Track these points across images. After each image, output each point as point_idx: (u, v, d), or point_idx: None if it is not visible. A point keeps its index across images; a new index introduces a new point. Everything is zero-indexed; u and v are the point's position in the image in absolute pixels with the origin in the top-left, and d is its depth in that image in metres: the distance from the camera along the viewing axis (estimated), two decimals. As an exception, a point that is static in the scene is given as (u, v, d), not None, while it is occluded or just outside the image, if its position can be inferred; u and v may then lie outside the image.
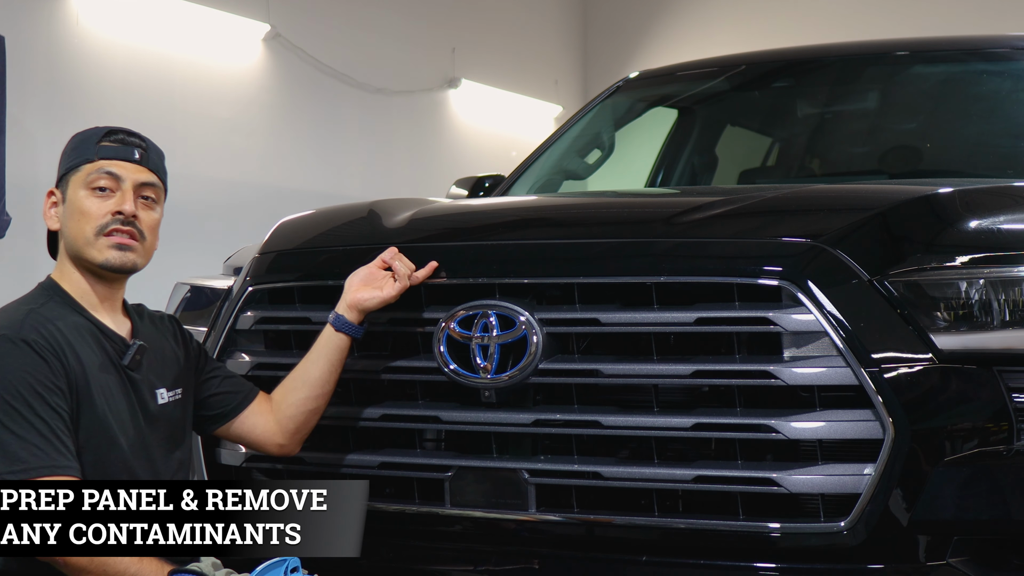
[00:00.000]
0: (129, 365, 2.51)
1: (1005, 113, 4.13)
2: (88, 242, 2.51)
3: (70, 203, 2.53)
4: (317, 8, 8.73)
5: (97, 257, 2.51)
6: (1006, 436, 2.43)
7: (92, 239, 2.51)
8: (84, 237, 2.51)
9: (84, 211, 2.51)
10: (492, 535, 2.70)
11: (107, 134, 2.57)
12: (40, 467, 2.30)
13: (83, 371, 2.42)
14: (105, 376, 2.46)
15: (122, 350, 2.51)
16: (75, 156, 2.56)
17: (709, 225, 2.75)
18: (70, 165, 2.55)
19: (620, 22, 11.83)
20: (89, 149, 2.55)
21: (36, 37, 6.76)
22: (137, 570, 2.28)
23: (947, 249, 2.60)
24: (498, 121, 10.64)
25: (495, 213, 3.34)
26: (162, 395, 2.57)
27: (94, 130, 2.60)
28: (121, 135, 2.58)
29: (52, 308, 2.46)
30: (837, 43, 4.64)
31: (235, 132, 8.03)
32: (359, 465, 2.81)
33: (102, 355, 2.47)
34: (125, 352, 2.51)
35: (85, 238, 2.51)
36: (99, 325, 2.50)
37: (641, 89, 4.73)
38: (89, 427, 2.41)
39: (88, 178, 2.53)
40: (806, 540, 2.47)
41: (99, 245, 2.51)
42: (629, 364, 2.57)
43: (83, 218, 2.51)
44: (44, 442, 2.31)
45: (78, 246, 2.51)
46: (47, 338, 2.39)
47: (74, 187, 2.53)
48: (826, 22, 10.54)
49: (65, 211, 2.54)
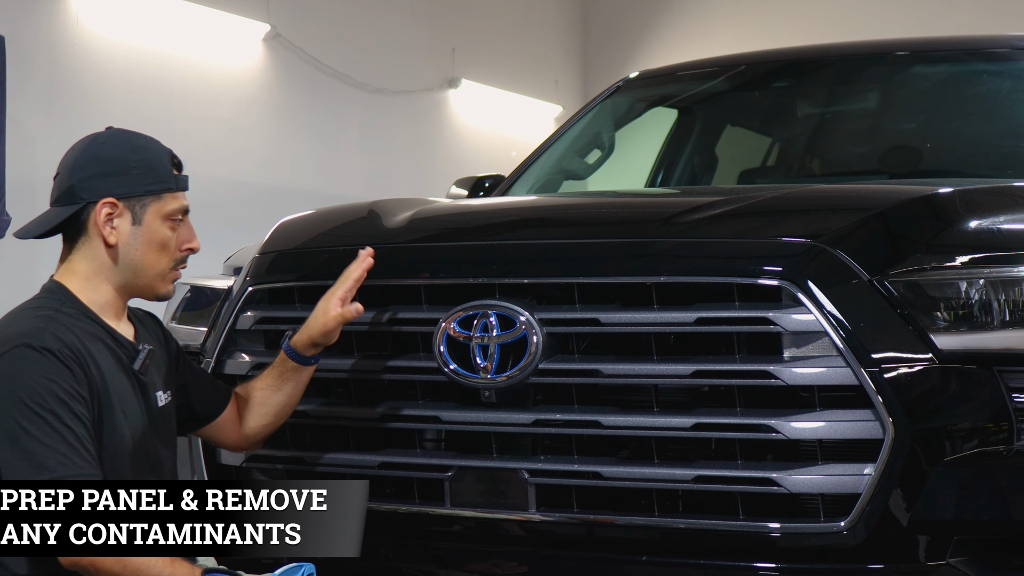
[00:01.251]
0: (140, 370, 2.51)
1: (1005, 113, 4.13)
2: (161, 275, 2.53)
3: (149, 230, 2.51)
4: (317, 8, 8.73)
5: (161, 289, 2.55)
6: (1006, 436, 2.43)
7: (166, 272, 2.54)
8: (158, 269, 2.52)
9: (165, 244, 2.52)
10: (492, 535, 2.70)
11: (173, 159, 2.57)
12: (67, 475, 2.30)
13: (102, 378, 2.42)
14: (120, 382, 2.46)
15: (132, 355, 2.51)
16: (155, 179, 2.51)
17: (709, 225, 2.75)
18: (151, 189, 2.50)
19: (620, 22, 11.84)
20: (168, 176, 2.53)
21: (36, 37, 6.76)
22: (171, 573, 2.29)
23: (947, 249, 2.61)
24: (498, 121, 10.64)
25: (495, 213, 3.34)
26: (161, 397, 2.58)
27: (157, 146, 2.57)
28: (175, 156, 2.59)
29: (66, 315, 2.45)
30: (837, 43, 4.64)
31: (235, 132, 8.03)
32: (359, 465, 2.81)
33: (116, 361, 2.47)
34: (136, 357, 2.51)
35: (159, 270, 2.52)
36: (111, 331, 2.50)
37: (641, 89, 4.73)
38: (108, 433, 2.41)
39: (170, 210, 2.52)
40: (806, 540, 2.47)
41: (169, 277, 2.55)
42: (629, 364, 2.57)
43: (163, 251, 2.52)
44: (70, 449, 2.31)
45: (148, 275, 2.52)
46: (69, 346, 2.38)
47: (154, 215, 2.51)
48: (826, 22, 10.54)
49: (137, 235, 2.50)
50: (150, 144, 2.56)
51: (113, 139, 2.55)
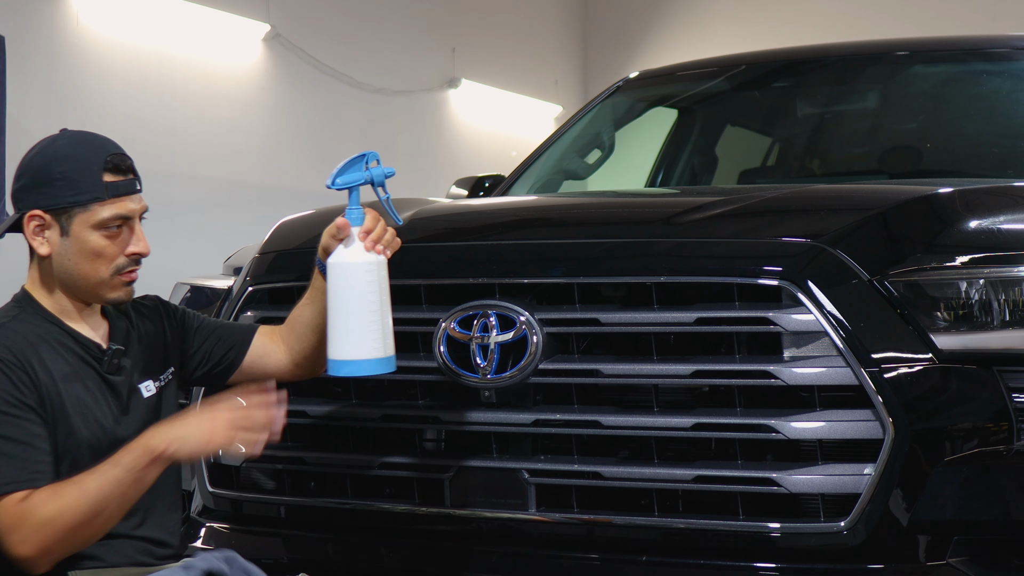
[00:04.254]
0: (107, 371, 2.49)
1: (1005, 113, 4.13)
2: (103, 283, 2.45)
3: (78, 241, 2.42)
4: (317, 8, 8.72)
5: (110, 296, 2.47)
6: (1006, 436, 2.43)
7: (108, 279, 2.45)
8: (97, 277, 2.44)
9: (99, 253, 2.43)
10: (492, 535, 2.70)
11: (107, 164, 2.44)
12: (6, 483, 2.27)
13: (54, 384, 2.38)
14: (78, 385, 2.42)
15: (99, 356, 2.48)
16: (78, 189, 2.41)
17: (709, 225, 2.75)
18: (75, 200, 2.41)
19: (620, 22, 11.83)
20: (96, 185, 2.42)
21: (36, 37, 6.75)
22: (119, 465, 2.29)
23: (947, 249, 2.61)
24: (498, 121, 10.63)
25: (495, 213, 3.34)
26: (148, 388, 2.54)
27: (88, 152, 2.45)
28: (116, 157, 2.46)
29: (23, 321, 2.42)
30: (837, 43, 4.64)
31: (235, 132, 8.02)
32: (359, 465, 2.82)
33: (76, 364, 2.43)
34: (102, 358, 2.49)
35: (99, 279, 2.44)
36: (73, 334, 2.46)
37: (641, 89, 4.73)
38: (64, 438, 2.38)
39: (100, 220, 2.42)
40: (806, 540, 2.47)
41: (113, 284, 2.46)
42: (629, 364, 2.57)
43: (98, 260, 2.43)
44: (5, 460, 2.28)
45: (88, 284, 2.44)
46: (15, 353, 2.36)
47: (81, 225, 2.42)
48: (826, 22, 10.54)
49: (68, 246, 2.43)
50: (82, 151, 2.45)
51: (49, 147, 2.46)
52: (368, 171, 2.50)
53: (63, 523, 2.26)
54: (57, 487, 2.28)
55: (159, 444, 2.31)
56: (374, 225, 2.49)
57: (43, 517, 2.26)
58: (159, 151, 7.30)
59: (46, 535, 2.26)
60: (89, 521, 2.28)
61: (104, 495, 2.28)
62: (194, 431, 2.33)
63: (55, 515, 2.26)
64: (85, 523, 2.28)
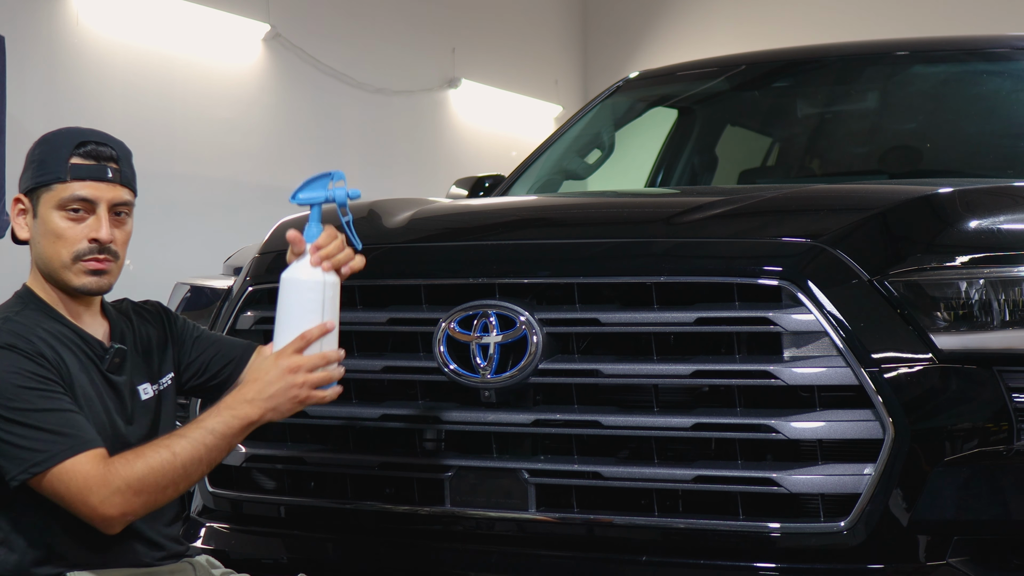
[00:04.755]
0: (108, 369, 2.49)
1: (1005, 113, 4.13)
2: (64, 266, 2.44)
3: (43, 222, 2.44)
4: (317, 8, 8.72)
5: (73, 281, 2.45)
6: (1006, 436, 2.43)
7: (68, 263, 2.43)
8: (60, 260, 2.44)
9: (59, 234, 2.43)
10: (492, 535, 2.70)
11: (78, 146, 2.45)
12: (63, 451, 2.28)
13: (68, 372, 2.39)
14: (84, 379, 2.42)
15: (101, 354, 2.48)
16: (44, 170, 2.44)
17: (709, 225, 2.75)
18: (40, 180, 2.44)
19: (620, 22, 11.83)
20: (60, 166, 2.43)
21: (36, 37, 6.75)
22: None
23: (947, 249, 2.61)
24: (498, 121, 10.63)
25: (495, 213, 3.34)
26: (146, 390, 2.54)
27: (63, 138, 2.47)
28: (92, 146, 2.46)
29: (29, 315, 2.42)
30: (837, 43, 4.64)
31: (235, 132, 8.02)
32: (359, 465, 2.81)
33: (83, 360, 2.44)
34: (104, 356, 2.50)
35: (61, 262, 2.44)
36: (77, 331, 2.46)
37: (641, 89, 4.73)
38: None
39: (60, 200, 2.42)
40: (806, 540, 2.47)
41: (75, 270, 2.44)
42: (629, 364, 2.57)
43: (58, 241, 2.43)
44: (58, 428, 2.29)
45: (53, 267, 2.45)
46: (30, 341, 2.37)
47: (45, 205, 2.44)
48: (826, 22, 10.53)
49: (37, 227, 2.45)
50: (60, 138, 2.47)
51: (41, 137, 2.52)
52: (332, 190, 2.49)
53: (151, 483, 2.30)
54: (141, 450, 2.32)
55: (253, 413, 2.37)
56: (327, 242, 2.46)
57: (129, 478, 2.28)
58: (159, 151, 7.30)
59: (132, 495, 2.29)
60: (177, 483, 2.33)
61: (196, 458, 2.33)
62: (284, 403, 2.39)
63: (142, 476, 2.29)
64: (172, 484, 2.32)
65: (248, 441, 2.90)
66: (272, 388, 2.39)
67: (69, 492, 2.28)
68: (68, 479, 2.27)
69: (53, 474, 2.28)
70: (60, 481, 2.28)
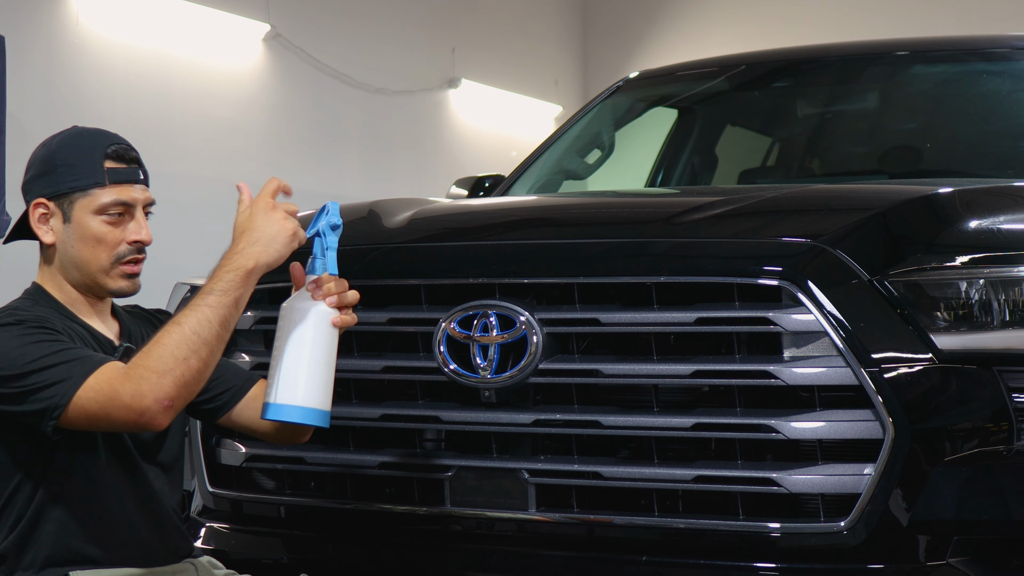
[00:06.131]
0: None
1: (1005, 113, 4.13)
2: (102, 270, 2.46)
3: (80, 227, 2.45)
4: (317, 8, 8.72)
5: (111, 285, 2.47)
6: (1006, 436, 2.43)
7: (107, 267, 2.46)
8: (98, 264, 2.45)
9: (99, 239, 2.45)
10: (492, 535, 2.70)
11: (109, 152, 2.47)
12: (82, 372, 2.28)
13: None
14: None
15: (110, 352, 2.48)
16: (80, 176, 2.45)
17: (709, 225, 2.75)
18: (76, 186, 2.44)
19: (620, 22, 11.83)
20: (97, 171, 2.45)
21: (36, 37, 6.75)
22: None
23: (947, 249, 2.61)
24: (498, 121, 10.63)
25: (495, 213, 3.34)
26: None
27: (91, 141, 2.49)
28: (121, 149, 2.49)
29: (40, 311, 2.43)
30: (837, 43, 4.64)
31: (235, 132, 8.02)
32: (359, 465, 2.82)
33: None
34: (113, 354, 2.49)
35: (99, 265, 2.46)
36: (88, 327, 2.47)
37: (641, 89, 4.73)
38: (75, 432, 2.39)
39: (100, 205, 2.44)
40: (806, 540, 2.47)
41: (114, 274, 2.47)
42: (629, 364, 2.57)
43: (99, 246, 2.45)
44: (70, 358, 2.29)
45: (90, 271, 2.46)
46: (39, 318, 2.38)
47: (83, 211, 2.44)
48: (826, 22, 10.53)
49: (71, 232, 2.45)
50: (85, 140, 2.49)
51: (55, 139, 2.51)
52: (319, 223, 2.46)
53: (169, 359, 2.24)
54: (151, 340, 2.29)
55: (246, 262, 2.32)
56: (329, 277, 2.45)
57: (148, 364, 2.25)
58: (159, 151, 7.29)
59: (158, 378, 2.24)
60: (196, 349, 2.26)
61: (204, 319, 2.27)
62: (270, 236, 2.35)
63: (159, 355, 2.25)
64: (192, 351, 2.25)
65: (248, 441, 2.91)
66: (257, 232, 2.35)
67: (100, 404, 2.25)
68: (94, 393, 2.25)
69: (80, 396, 2.26)
70: (88, 399, 2.26)
